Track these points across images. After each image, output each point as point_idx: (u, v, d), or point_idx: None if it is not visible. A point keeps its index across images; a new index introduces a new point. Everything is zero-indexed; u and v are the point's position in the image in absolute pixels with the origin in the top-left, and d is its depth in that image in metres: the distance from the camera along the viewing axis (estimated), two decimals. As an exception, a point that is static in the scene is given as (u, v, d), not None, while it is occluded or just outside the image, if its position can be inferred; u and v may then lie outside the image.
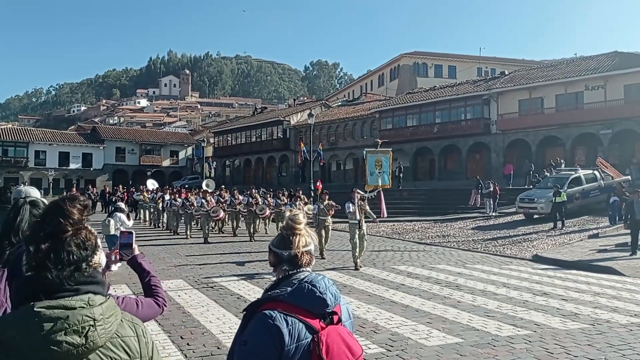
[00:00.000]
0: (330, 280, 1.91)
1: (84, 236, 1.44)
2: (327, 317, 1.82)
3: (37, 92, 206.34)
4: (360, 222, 11.66)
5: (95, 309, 1.37)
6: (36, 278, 1.36)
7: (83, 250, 1.42)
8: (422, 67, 62.36)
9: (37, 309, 1.31)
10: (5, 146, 50.00)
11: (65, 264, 1.37)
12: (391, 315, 7.30)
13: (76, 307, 1.34)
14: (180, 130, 79.68)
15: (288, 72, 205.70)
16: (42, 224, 1.43)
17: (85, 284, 1.40)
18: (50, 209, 1.47)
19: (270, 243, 2.03)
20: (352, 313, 2.02)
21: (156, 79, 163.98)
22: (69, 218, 1.43)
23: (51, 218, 1.43)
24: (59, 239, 1.40)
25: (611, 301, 8.41)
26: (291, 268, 1.94)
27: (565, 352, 5.68)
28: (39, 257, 1.37)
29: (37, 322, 1.30)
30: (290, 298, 1.80)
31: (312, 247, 2.02)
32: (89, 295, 1.39)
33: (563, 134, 31.25)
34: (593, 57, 35.24)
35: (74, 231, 1.42)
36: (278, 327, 1.72)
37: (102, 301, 1.40)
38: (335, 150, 43.92)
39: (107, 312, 1.39)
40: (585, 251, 14.38)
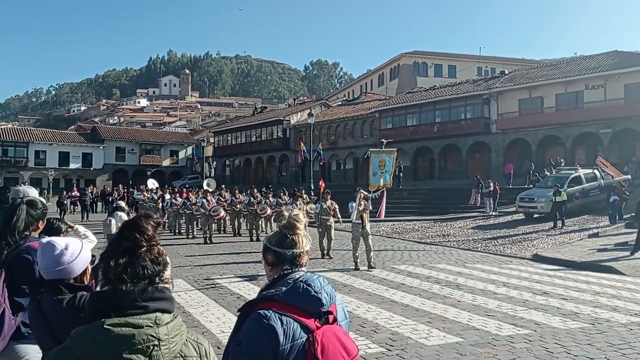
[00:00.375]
0: (325, 280, 1.90)
1: (157, 252, 1.50)
2: (323, 316, 1.81)
3: (37, 92, 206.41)
4: (364, 222, 11.54)
5: (161, 328, 1.39)
6: (112, 292, 1.41)
7: (156, 265, 1.47)
8: (422, 67, 62.34)
9: (107, 326, 1.35)
10: (5, 146, 49.99)
11: (140, 278, 1.43)
12: (391, 315, 7.30)
13: (143, 326, 1.37)
14: (180, 130, 79.67)
15: (288, 72, 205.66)
16: (120, 240, 1.48)
17: (154, 301, 1.43)
18: (127, 226, 1.52)
19: (267, 242, 2.01)
20: (348, 313, 2.02)
21: (156, 79, 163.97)
22: (144, 234, 1.49)
23: (128, 234, 1.48)
24: (135, 254, 1.45)
25: (611, 300, 8.41)
26: (291, 268, 1.93)
27: (565, 352, 5.68)
28: (118, 271, 1.42)
29: (106, 339, 1.34)
30: (285, 297, 1.80)
31: (309, 247, 2.02)
32: (157, 314, 1.42)
33: (563, 134, 31.25)
34: (593, 57, 35.25)
35: (149, 247, 1.48)
36: (273, 326, 1.71)
37: (168, 320, 1.43)
38: (335, 150, 43.92)
39: (172, 332, 1.42)
40: (585, 250, 14.37)
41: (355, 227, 11.65)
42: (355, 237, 11.55)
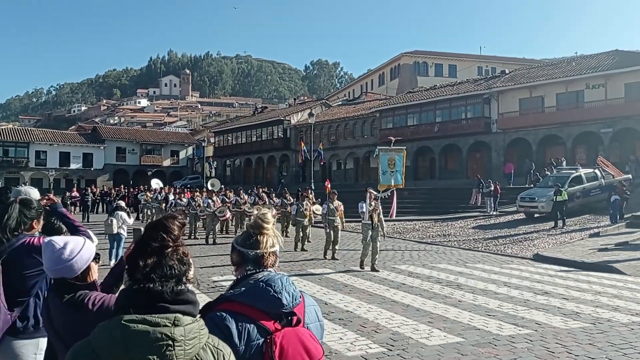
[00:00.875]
0: (290, 280, 1.85)
1: (183, 252, 1.52)
2: (285, 318, 1.76)
3: (37, 92, 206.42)
4: (373, 223, 11.33)
5: (177, 329, 1.38)
6: (139, 290, 1.42)
7: (182, 265, 1.50)
8: (423, 66, 62.33)
9: (124, 322, 1.36)
10: (5, 146, 50.00)
11: (168, 277, 1.44)
12: (392, 315, 7.29)
13: (160, 325, 1.36)
14: (181, 130, 79.64)
15: (288, 72, 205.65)
16: (147, 240, 1.50)
17: (178, 302, 1.43)
18: (154, 226, 1.54)
19: (234, 241, 1.99)
20: (320, 315, 1.96)
21: (156, 79, 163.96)
22: (170, 234, 1.51)
23: (156, 234, 1.50)
24: (163, 254, 1.47)
25: (612, 300, 8.40)
26: (255, 268, 1.89)
27: (566, 351, 5.67)
28: (146, 271, 1.44)
29: (121, 335, 1.35)
30: (243, 298, 1.77)
31: (278, 248, 1.97)
32: (177, 314, 1.41)
33: (564, 133, 31.22)
34: (593, 56, 35.21)
35: (175, 247, 1.50)
36: (228, 327, 1.70)
37: (188, 322, 1.41)
38: (335, 150, 43.91)
39: (189, 334, 1.40)
40: (586, 250, 14.37)
41: (365, 227, 11.45)
42: (365, 238, 11.34)
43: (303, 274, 10.73)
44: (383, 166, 12.84)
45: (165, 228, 1.52)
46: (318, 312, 1.95)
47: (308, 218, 15.08)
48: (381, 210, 11.85)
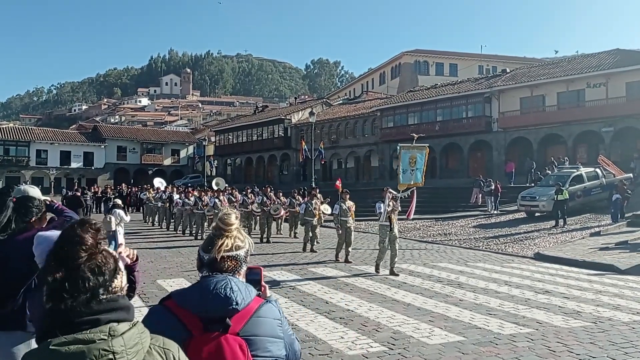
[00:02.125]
0: (233, 285, 1.73)
1: (100, 260, 1.36)
2: (212, 323, 1.68)
3: (38, 91, 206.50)
4: (392, 224, 10.83)
5: (115, 340, 1.27)
6: (54, 310, 1.29)
7: (99, 276, 1.34)
8: (423, 65, 62.27)
9: (52, 347, 1.24)
10: (6, 145, 50.05)
11: (80, 292, 1.30)
12: (393, 314, 7.29)
13: (95, 340, 1.25)
14: (182, 129, 79.69)
15: (289, 71, 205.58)
16: (54, 254, 1.36)
17: (105, 312, 1.30)
18: (60, 237, 1.40)
19: (200, 246, 1.92)
20: (281, 333, 1.81)
21: (157, 78, 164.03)
22: (82, 244, 1.36)
23: (62, 245, 1.36)
24: (71, 267, 1.32)
25: (613, 299, 8.40)
26: (209, 272, 1.80)
27: (567, 350, 5.67)
28: (53, 288, 1.30)
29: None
30: (177, 296, 1.74)
31: (242, 252, 1.85)
32: (110, 325, 1.29)
33: (565, 132, 31.20)
34: (594, 55, 35.18)
35: (88, 256, 1.35)
36: (151, 320, 1.68)
37: (125, 330, 1.30)
38: (336, 149, 43.91)
39: (130, 342, 1.29)
40: (587, 249, 14.36)
41: (383, 229, 10.96)
42: (383, 241, 10.85)
43: (304, 273, 10.74)
44: (404, 164, 12.09)
45: (75, 237, 1.37)
46: (278, 328, 1.80)
47: (317, 217, 14.60)
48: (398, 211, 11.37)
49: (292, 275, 10.41)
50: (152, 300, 8.13)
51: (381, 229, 11.12)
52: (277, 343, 1.79)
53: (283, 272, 10.68)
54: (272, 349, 1.76)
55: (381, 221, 11.07)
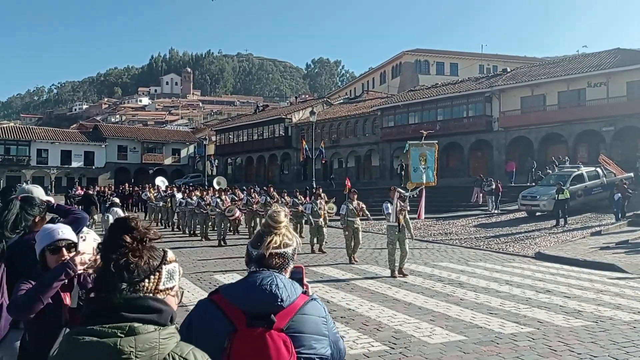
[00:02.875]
0: (279, 282, 1.75)
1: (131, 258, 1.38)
2: (259, 319, 1.70)
3: (39, 90, 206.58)
4: (400, 225, 10.49)
5: (126, 339, 1.26)
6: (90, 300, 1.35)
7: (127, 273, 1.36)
8: (424, 65, 62.25)
9: (73, 335, 1.29)
10: (7, 145, 50.07)
11: (128, 284, 1.34)
12: (394, 313, 7.30)
13: (106, 336, 1.26)
14: (182, 128, 79.68)
15: (289, 70, 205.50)
16: (106, 244, 1.41)
17: (130, 310, 1.32)
18: (114, 229, 1.43)
19: (249, 241, 1.96)
20: (326, 331, 1.81)
21: (158, 77, 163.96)
22: (116, 241, 1.40)
23: (115, 237, 1.40)
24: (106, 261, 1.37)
25: (614, 298, 8.40)
26: (257, 268, 1.83)
27: (568, 350, 5.68)
28: (104, 278, 1.35)
29: (68, 348, 1.28)
30: (224, 291, 1.77)
31: (290, 250, 1.88)
32: (132, 324, 1.29)
33: (565, 131, 31.19)
34: (595, 54, 35.16)
35: (135, 250, 1.39)
36: (198, 314, 1.74)
37: (145, 332, 1.29)
38: (337, 148, 43.90)
39: (142, 345, 1.28)
40: (587, 248, 14.36)
41: (391, 230, 10.62)
42: (392, 242, 10.51)
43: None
44: (414, 162, 11.67)
45: (126, 230, 1.40)
46: (322, 326, 1.81)
47: (323, 217, 14.30)
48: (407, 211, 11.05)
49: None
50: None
51: (389, 229, 10.79)
52: (321, 341, 1.79)
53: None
54: (316, 347, 1.77)
55: (390, 221, 10.72)
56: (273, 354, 1.68)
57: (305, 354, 1.75)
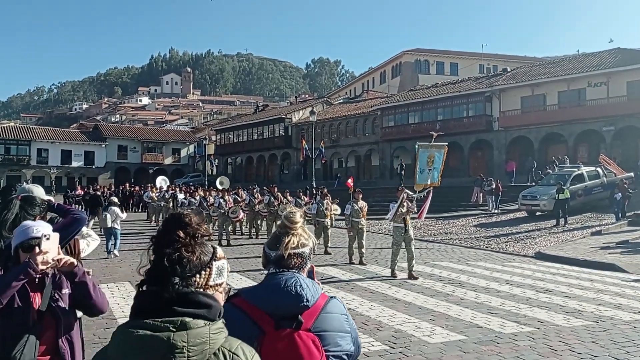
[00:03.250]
0: (300, 283, 1.76)
1: (184, 253, 1.40)
2: (286, 321, 1.71)
3: (39, 90, 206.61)
4: (406, 226, 10.31)
5: (179, 334, 1.28)
6: (143, 293, 1.36)
7: (179, 267, 1.38)
8: (424, 64, 62.22)
9: (126, 327, 1.30)
10: (7, 144, 50.08)
11: (181, 278, 1.35)
12: (394, 313, 7.30)
13: (160, 330, 1.28)
14: (182, 128, 79.68)
15: (289, 70, 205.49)
16: (160, 238, 1.41)
17: (182, 305, 1.33)
18: (168, 223, 1.44)
19: (265, 243, 1.96)
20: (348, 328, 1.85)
21: (158, 77, 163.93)
22: (186, 232, 1.41)
23: (169, 231, 1.41)
24: (158, 255, 1.38)
25: (615, 298, 8.40)
26: (276, 269, 1.83)
27: (569, 349, 5.67)
28: (158, 271, 1.36)
29: (122, 340, 1.29)
30: (246, 294, 1.77)
31: (307, 250, 1.89)
32: (183, 318, 1.30)
33: (565, 131, 31.18)
34: (595, 54, 35.13)
35: (189, 245, 1.40)
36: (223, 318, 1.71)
37: (195, 326, 1.31)
38: (337, 148, 43.90)
39: (194, 340, 1.29)
40: (587, 248, 14.36)
41: (397, 231, 10.43)
42: (397, 243, 10.33)
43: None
44: (421, 164, 11.41)
45: (180, 224, 1.41)
46: (345, 323, 1.84)
47: (329, 218, 13.99)
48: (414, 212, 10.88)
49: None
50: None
51: (395, 230, 10.57)
52: (345, 338, 1.82)
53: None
54: (342, 344, 1.80)
55: (395, 222, 10.53)
56: (304, 354, 1.69)
57: (332, 351, 1.77)
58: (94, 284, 2.61)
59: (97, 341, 5.93)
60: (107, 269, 11.02)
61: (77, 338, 2.69)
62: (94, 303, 2.60)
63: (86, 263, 4.40)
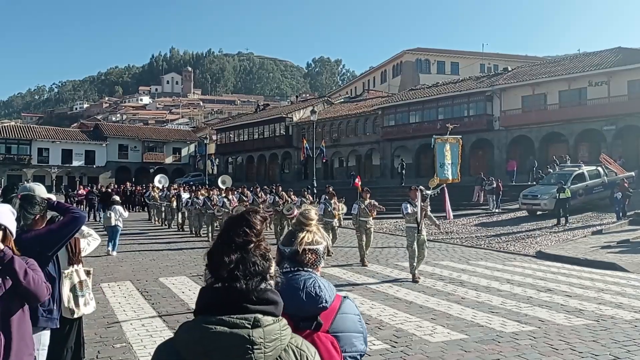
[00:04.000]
0: (318, 283, 1.76)
1: (265, 247, 1.45)
2: (304, 321, 1.71)
3: (39, 89, 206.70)
4: (420, 226, 9.83)
5: (256, 331, 1.32)
6: (223, 289, 1.36)
7: (266, 261, 1.42)
8: (425, 64, 62.19)
9: (203, 323, 1.32)
10: (8, 144, 50.15)
11: (253, 275, 1.38)
12: (395, 312, 7.30)
13: (238, 326, 1.32)
14: (183, 127, 79.72)
15: (290, 69, 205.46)
16: (229, 235, 1.43)
17: (258, 303, 1.37)
18: (235, 221, 1.47)
19: (279, 242, 1.96)
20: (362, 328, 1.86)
21: (158, 76, 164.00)
22: (253, 229, 1.44)
23: (238, 229, 1.43)
24: (246, 250, 1.41)
25: (615, 297, 8.39)
26: (291, 266, 1.82)
27: (570, 348, 5.67)
28: (231, 268, 1.37)
29: (200, 336, 1.31)
30: None
31: (322, 247, 1.88)
32: (256, 315, 1.35)
33: (566, 130, 31.16)
34: (596, 53, 35.09)
35: (257, 242, 1.44)
36: None
37: (268, 323, 1.35)
38: (337, 147, 43.90)
39: (269, 336, 1.34)
40: (588, 247, 14.35)
41: (410, 232, 9.93)
42: (411, 244, 9.83)
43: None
44: (440, 158, 10.96)
45: (248, 222, 1.45)
46: (358, 323, 1.85)
47: (337, 218, 13.54)
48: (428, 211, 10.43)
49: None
50: (154, 297, 8.15)
51: (408, 231, 10.11)
52: (359, 338, 1.83)
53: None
54: (357, 344, 1.80)
55: (407, 223, 10.14)
56: (325, 355, 1.67)
57: (348, 352, 1.77)
58: (26, 270, 2.55)
59: (98, 340, 5.92)
60: (108, 269, 11.03)
61: (18, 330, 2.59)
62: (26, 290, 2.53)
63: (87, 262, 4.41)
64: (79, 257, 4.38)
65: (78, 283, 4.22)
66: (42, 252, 3.01)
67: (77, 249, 4.33)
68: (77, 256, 4.32)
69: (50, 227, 3.18)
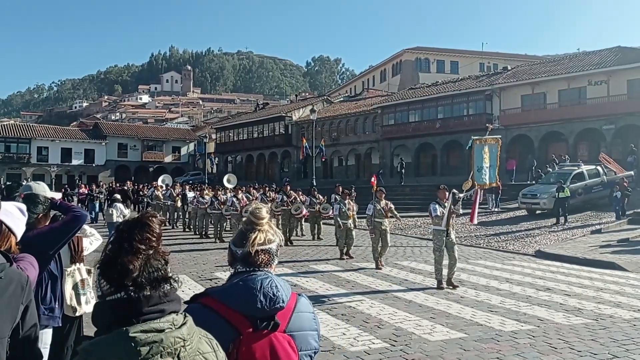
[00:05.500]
0: (274, 282, 1.73)
1: (164, 251, 1.42)
2: (262, 322, 1.68)
3: (39, 88, 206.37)
4: (448, 230, 9.25)
5: (182, 329, 1.34)
6: (129, 299, 1.31)
7: (166, 264, 1.39)
8: (424, 63, 62.17)
9: (132, 334, 1.27)
10: (7, 142, 50.08)
11: (159, 280, 1.35)
12: (395, 311, 7.32)
13: (165, 329, 1.31)
14: (182, 126, 79.62)
15: (290, 68, 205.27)
16: (130, 242, 1.36)
17: (169, 303, 1.36)
18: (134, 226, 1.40)
19: (231, 240, 1.90)
20: (316, 326, 1.84)
21: (158, 75, 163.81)
22: (154, 233, 1.40)
23: (139, 235, 1.38)
24: (148, 256, 1.36)
25: (614, 296, 8.42)
26: (244, 267, 1.79)
27: (569, 347, 5.70)
28: (135, 276, 1.32)
29: (134, 348, 1.26)
30: (218, 295, 1.72)
31: (274, 246, 1.84)
32: (173, 315, 1.35)
33: (566, 130, 31.17)
34: (596, 52, 35.10)
35: (158, 246, 1.40)
36: (197, 320, 1.61)
37: (183, 320, 1.37)
38: (337, 146, 43.90)
39: (191, 331, 1.37)
40: (587, 247, 14.38)
41: (438, 235, 9.35)
42: (438, 248, 9.28)
43: (306, 270, 10.76)
44: (478, 161, 10.08)
45: (149, 227, 1.40)
46: (312, 320, 1.83)
47: (352, 219, 13.04)
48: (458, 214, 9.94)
49: (292, 272, 10.43)
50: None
51: (436, 234, 9.46)
52: (314, 336, 1.82)
53: (283, 269, 10.68)
54: (312, 342, 1.80)
55: (435, 225, 9.51)
56: (282, 355, 1.67)
57: (305, 351, 1.76)
58: None
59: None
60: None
61: None
62: None
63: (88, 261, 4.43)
64: (81, 255, 4.40)
65: (80, 281, 4.24)
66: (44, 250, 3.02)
67: (80, 247, 4.35)
68: (79, 254, 4.34)
69: (53, 226, 3.20)
